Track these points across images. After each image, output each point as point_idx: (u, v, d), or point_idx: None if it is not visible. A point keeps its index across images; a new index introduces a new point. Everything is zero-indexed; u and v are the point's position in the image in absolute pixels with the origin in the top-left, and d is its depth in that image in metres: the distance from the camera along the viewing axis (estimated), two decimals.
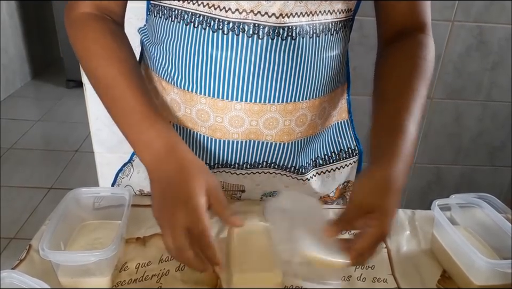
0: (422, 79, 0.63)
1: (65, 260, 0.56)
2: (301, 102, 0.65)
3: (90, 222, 0.65)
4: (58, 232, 0.57)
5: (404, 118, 0.59)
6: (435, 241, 0.66)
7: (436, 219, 0.65)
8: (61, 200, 0.63)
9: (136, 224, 0.67)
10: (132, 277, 0.59)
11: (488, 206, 0.66)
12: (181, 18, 0.62)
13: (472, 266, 0.58)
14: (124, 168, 0.81)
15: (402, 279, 0.62)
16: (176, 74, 0.66)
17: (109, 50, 0.63)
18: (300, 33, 0.61)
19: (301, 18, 0.60)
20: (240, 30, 0.59)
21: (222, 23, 0.59)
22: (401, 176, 0.54)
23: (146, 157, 0.59)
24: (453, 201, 0.68)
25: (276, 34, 0.60)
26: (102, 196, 0.65)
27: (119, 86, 0.61)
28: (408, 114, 0.59)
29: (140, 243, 0.64)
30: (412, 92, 0.61)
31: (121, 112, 0.61)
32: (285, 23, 0.59)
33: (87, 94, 1.23)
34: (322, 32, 0.63)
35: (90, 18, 0.65)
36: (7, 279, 0.48)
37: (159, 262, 0.61)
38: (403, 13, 0.69)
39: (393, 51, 0.69)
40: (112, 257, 0.55)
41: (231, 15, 0.59)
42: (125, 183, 0.80)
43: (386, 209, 0.53)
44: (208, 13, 0.60)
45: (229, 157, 0.69)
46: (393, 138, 0.57)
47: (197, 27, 0.61)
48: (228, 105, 0.64)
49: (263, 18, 0.59)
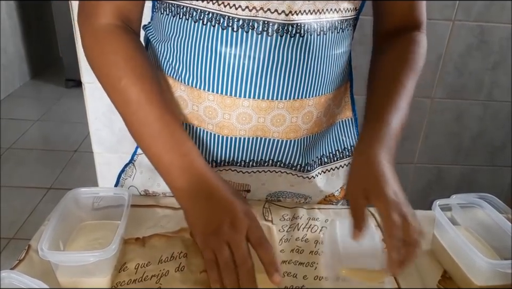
0: (411, 73, 0.68)
1: (64, 260, 0.56)
2: (308, 99, 0.66)
3: (90, 222, 0.64)
4: (58, 232, 0.57)
5: (389, 112, 0.64)
6: (436, 241, 0.66)
7: (437, 219, 0.65)
8: (60, 200, 0.62)
9: (135, 225, 0.67)
10: (131, 277, 0.59)
11: (489, 206, 0.66)
12: (190, 15, 0.62)
13: (472, 267, 0.58)
14: (126, 169, 0.81)
15: (402, 279, 0.62)
16: (183, 71, 0.66)
17: (139, 68, 0.63)
18: (308, 31, 0.61)
19: (308, 16, 0.61)
20: (249, 27, 0.60)
21: (232, 20, 0.60)
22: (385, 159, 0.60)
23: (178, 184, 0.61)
24: (454, 201, 0.67)
25: (285, 31, 0.60)
26: (101, 196, 0.65)
27: (144, 109, 0.62)
28: (394, 109, 0.64)
29: (140, 244, 0.64)
30: (400, 88, 0.66)
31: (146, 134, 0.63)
32: (294, 20, 0.60)
33: (86, 94, 1.23)
34: (329, 30, 0.64)
35: (115, 30, 0.63)
36: (6, 279, 0.48)
37: (158, 263, 0.61)
38: (401, 12, 0.72)
39: (386, 49, 0.73)
40: (112, 258, 0.55)
41: (241, 12, 0.59)
42: (129, 184, 0.80)
43: (380, 193, 0.56)
44: (217, 10, 0.60)
45: (235, 154, 0.69)
46: (377, 131, 0.62)
47: (206, 24, 0.61)
48: (236, 102, 0.64)
49: (272, 16, 0.59)
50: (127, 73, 0.62)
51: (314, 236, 0.68)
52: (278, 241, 0.66)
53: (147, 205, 0.72)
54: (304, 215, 0.72)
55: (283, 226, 0.70)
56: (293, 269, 0.62)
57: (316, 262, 0.63)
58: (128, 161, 0.80)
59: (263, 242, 0.55)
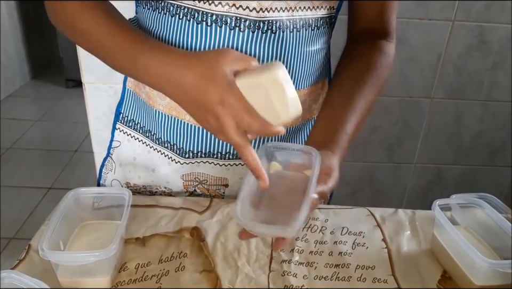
0: (371, 89, 0.69)
1: (64, 260, 0.56)
2: None
3: (90, 222, 0.65)
4: (58, 232, 0.57)
5: (344, 119, 0.65)
6: (435, 241, 0.66)
7: (436, 219, 0.65)
8: (60, 200, 0.63)
9: (135, 224, 0.67)
10: (132, 277, 0.59)
11: (489, 206, 0.66)
12: (167, 10, 0.64)
13: (472, 266, 0.58)
14: (106, 163, 0.82)
15: (402, 279, 0.62)
16: None
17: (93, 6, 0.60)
18: (280, 28, 0.63)
19: (280, 13, 0.62)
20: (223, 22, 0.62)
21: (206, 15, 0.62)
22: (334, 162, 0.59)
23: (160, 85, 0.57)
24: (454, 201, 0.68)
25: (257, 28, 0.62)
26: (101, 196, 0.65)
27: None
28: (346, 126, 0.65)
29: (140, 244, 0.64)
30: (355, 107, 0.67)
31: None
32: (265, 17, 0.62)
33: (86, 94, 1.23)
34: (302, 27, 0.65)
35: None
36: (7, 279, 0.48)
37: (158, 262, 0.61)
38: (370, 16, 0.74)
39: (353, 53, 0.74)
40: (112, 257, 0.55)
41: (214, 8, 0.61)
42: (111, 178, 0.82)
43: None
44: (192, 5, 0.62)
45: (212, 145, 0.71)
46: (330, 132, 0.64)
47: (181, 19, 0.63)
48: None
49: (244, 12, 0.61)
50: (81, 12, 0.60)
51: (314, 236, 0.68)
52: None
53: (147, 205, 0.72)
54: None
55: None
56: (293, 268, 0.62)
57: (315, 261, 0.63)
58: (106, 155, 0.82)
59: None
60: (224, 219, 0.70)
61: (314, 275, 0.61)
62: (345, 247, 0.67)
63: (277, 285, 0.59)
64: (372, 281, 0.61)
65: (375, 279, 0.62)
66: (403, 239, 0.69)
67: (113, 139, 0.81)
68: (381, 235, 0.70)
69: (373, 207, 0.76)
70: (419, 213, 0.75)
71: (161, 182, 0.78)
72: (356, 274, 0.62)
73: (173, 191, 0.78)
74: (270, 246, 0.65)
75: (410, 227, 0.72)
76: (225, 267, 0.61)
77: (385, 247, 0.67)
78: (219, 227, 0.68)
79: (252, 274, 0.61)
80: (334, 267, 0.63)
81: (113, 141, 0.81)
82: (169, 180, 0.77)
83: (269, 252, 0.65)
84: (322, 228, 0.70)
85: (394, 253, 0.66)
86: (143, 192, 0.80)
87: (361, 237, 0.69)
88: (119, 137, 0.80)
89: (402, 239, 0.69)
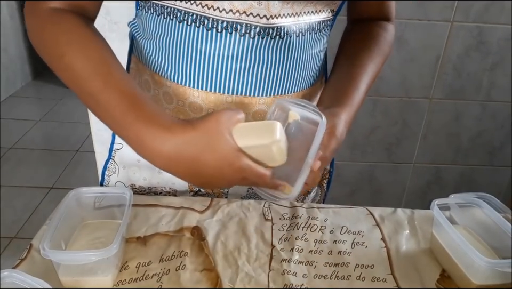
0: (375, 54, 0.72)
1: (66, 259, 0.57)
2: (287, 95, 0.70)
3: (91, 221, 0.65)
4: (59, 232, 0.58)
5: (352, 85, 0.67)
6: (434, 240, 0.66)
7: (435, 218, 0.65)
8: (61, 199, 0.63)
9: (136, 224, 0.68)
10: (133, 276, 0.59)
11: (488, 205, 0.66)
12: (174, 16, 0.64)
13: (471, 266, 0.58)
14: (108, 166, 0.82)
15: (401, 278, 0.62)
16: (169, 68, 0.67)
17: (86, 40, 0.57)
18: (288, 33, 0.64)
19: (288, 19, 0.64)
20: (233, 29, 0.62)
21: (216, 22, 0.62)
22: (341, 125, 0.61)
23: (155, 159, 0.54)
24: (452, 201, 0.68)
25: (266, 34, 0.63)
26: (102, 196, 0.65)
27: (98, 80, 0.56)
28: (355, 83, 0.67)
29: (141, 243, 0.65)
30: (361, 66, 0.70)
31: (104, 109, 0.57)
32: (274, 24, 0.63)
33: None
34: (307, 31, 0.67)
35: (61, 11, 0.58)
36: (8, 279, 0.48)
37: (159, 261, 0.62)
38: (371, 10, 0.78)
39: (356, 29, 0.78)
40: (113, 257, 0.56)
41: (225, 15, 0.61)
42: (114, 180, 0.81)
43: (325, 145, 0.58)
44: (201, 12, 0.62)
45: None
46: (339, 99, 0.65)
47: (190, 25, 0.63)
48: (220, 98, 0.67)
49: (254, 19, 0.62)
50: (69, 49, 0.56)
51: (313, 235, 0.69)
52: (278, 240, 0.67)
53: (148, 204, 0.72)
54: (303, 215, 0.73)
55: (283, 226, 0.70)
56: (293, 267, 0.62)
57: (315, 260, 0.64)
58: (108, 158, 0.82)
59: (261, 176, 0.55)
60: (224, 218, 0.71)
61: (314, 274, 0.62)
62: (345, 246, 0.67)
63: (276, 283, 0.60)
64: (371, 280, 0.62)
65: (374, 278, 0.62)
66: (402, 238, 0.70)
67: (114, 142, 0.81)
68: (380, 234, 0.70)
69: (372, 207, 0.77)
70: (418, 212, 0.76)
71: (167, 183, 0.78)
72: (355, 273, 0.63)
73: (177, 191, 0.79)
74: (270, 245, 0.66)
75: (409, 227, 0.72)
76: (225, 266, 0.62)
77: (384, 246, 0.68)
78: (219, 226, 0.69)
79: (252, 273, 0.61)
80: (333, 266, 0.63)
81: (114, 143, 0.81)
82: (175, 181, 0.77)
83: (269, 251, 0.65)
84: (322, 227, 0.70)
85: (393, 252, 0.67)
86: (147, 194, 0.80)
87: (361, 236, 0.69)
88: (120, 139, 0.80)
89: (401, 239, 0.69)
